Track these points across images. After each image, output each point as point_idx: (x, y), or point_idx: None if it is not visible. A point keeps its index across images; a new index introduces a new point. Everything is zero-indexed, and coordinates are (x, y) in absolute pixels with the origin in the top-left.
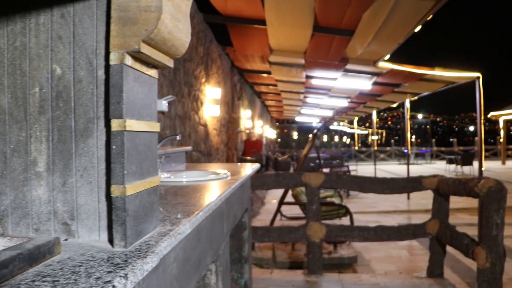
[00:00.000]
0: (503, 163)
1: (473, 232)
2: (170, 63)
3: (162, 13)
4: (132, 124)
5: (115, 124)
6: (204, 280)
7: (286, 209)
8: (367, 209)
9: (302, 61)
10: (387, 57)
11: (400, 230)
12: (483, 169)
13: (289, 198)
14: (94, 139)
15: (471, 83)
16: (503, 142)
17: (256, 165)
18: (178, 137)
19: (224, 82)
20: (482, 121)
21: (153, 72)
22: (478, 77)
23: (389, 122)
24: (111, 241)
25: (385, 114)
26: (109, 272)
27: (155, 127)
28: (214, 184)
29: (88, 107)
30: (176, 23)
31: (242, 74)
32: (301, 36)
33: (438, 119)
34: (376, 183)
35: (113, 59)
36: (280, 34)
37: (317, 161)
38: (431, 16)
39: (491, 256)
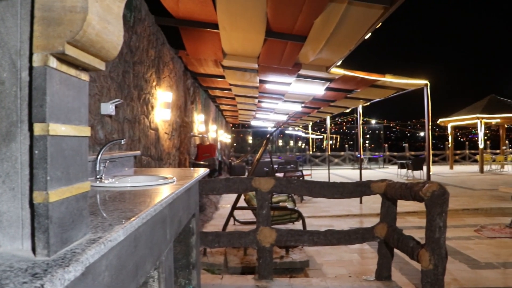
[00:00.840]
0: (451, 167)
1: (421, 234)
2: (101, 66)
3: (88, 14)
4: (57, 128)
5: (37, 128)
6: (146, 287)
7: (239, 214)
8: (320, 213)
9: (256, 66)
10: (339, 63)
11: (350, 234)
12: (431, 173)
13: (242, 203)
14: (18, 143)
15: (422, 90)
16: (451, 147)
17: (205, 170)
18: (123, 141)
19: (176, 86)
20: (430, 127)
21: (83, 75)
22: (426, 85)
23: (344, 128)
24: (34, 249)
25: (340, 119)
26: (24, 283)
27: (85, 131)
28: (158, 189)
29: (11, 110)
30: (106, 25)
31: (196, 78)
32: (254, 40)
33: (391, 124)
34: (326, 187)
35: (36, 60)
36: (233, 38)
37: (271, 165)
38: (380, 24)
39: (434, 258)
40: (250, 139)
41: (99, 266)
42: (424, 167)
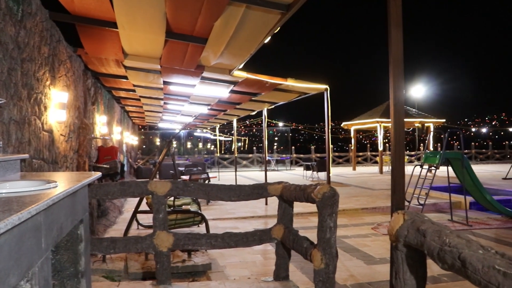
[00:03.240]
0: (354, 168)
1: None
2: None
3: None
4: None
5: None
6: None
7: (144, 218)
8: (225, 215)
9: (158, 67)
10: (241, 66)
11: (247, 236)
12: (336, 174)
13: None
14: None
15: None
16: (353, 149)
17: (96, 174)
18: None
19: (74, 86)
20: (335, 130)
21: None
22: (326, 89)
23: (254, 130)
24: None
25: (249, 122)
26: None
27: None
28: (34, 195)
29: None
30: None
31: (98, 78)
32: (155, 41)
33: (300, 127)
34: (223, 190)
35: None
36: (133, 38)
37: (174, 168)
38: (278, 28)
39: (325, 257)
40: (158, 141)
41: None
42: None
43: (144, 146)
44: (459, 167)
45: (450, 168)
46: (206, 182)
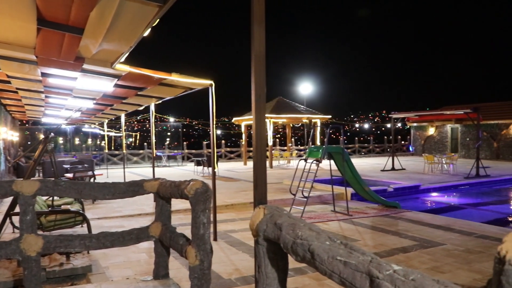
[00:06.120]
0: (245, 163)
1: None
2: None
3: None
4: None
5: None
6: None
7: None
8: (112, 214)
9: (33, 57)
10: (123, 59)
11: (124, 235)
12: (223, 169)
13: None
14: None
15: (218, 89)
16: (244, 144)
17: None
18: None
19: None
20: (215, 125)
21: None
22: (211, 85)
23: (147, 125)
24: None
25: (141, 117)
26: None
27: None
28: None
29: None
30: None
31: None
32: (26, 29)
33: (194, 122)
34: (96, 188)
35: None
36: (0, 24)
37: (53, 166)
38: (157, 21)
39: (200, 253)
40: (42, 137)
41: None
42: (220, 164)
43: (29, 143)
44: (340, 161)
45: (333, 161)
46: (92, 180)
